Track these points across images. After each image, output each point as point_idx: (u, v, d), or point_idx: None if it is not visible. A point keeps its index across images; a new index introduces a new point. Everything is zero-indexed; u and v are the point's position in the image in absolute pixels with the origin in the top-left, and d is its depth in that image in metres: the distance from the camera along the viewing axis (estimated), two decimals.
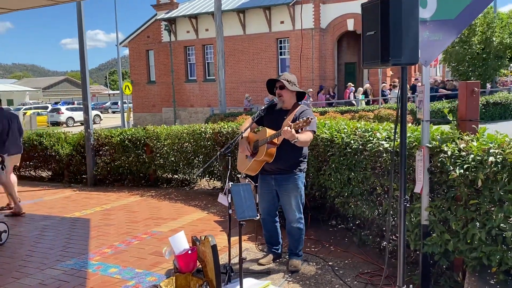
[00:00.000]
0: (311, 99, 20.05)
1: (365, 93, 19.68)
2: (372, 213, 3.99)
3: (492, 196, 2.69)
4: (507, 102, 16.81)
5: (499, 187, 2.62)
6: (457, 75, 19.98)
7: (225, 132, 6.71)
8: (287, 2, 21.91)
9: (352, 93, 19.91)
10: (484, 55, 18.48)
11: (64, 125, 33.17)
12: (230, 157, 3.66)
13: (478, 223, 2.80)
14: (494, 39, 18.07)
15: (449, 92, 18.34)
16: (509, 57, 19.56)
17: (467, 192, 2.83)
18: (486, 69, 18.79)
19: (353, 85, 20.66)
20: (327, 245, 4.53)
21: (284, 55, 23.58)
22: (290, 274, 3.84)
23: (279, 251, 4.22)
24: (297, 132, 3.48)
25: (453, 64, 19.81)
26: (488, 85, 20.23)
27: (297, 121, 3.43)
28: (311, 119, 3.36)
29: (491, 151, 2.66)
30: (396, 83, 18.97)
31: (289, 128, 3.38)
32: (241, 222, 3.22)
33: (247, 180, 4.80)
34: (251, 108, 20.73)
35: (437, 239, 3.09)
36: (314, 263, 4.06)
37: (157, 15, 26.45)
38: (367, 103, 19.10)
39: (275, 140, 3.72)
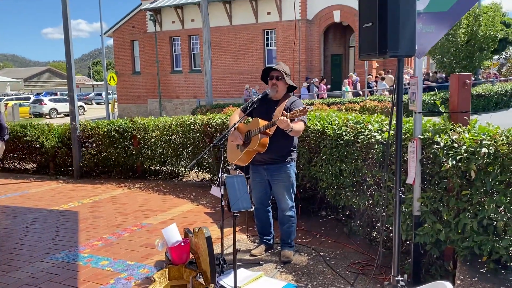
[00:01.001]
0: (316, 89, 20.01)
1: (354, 85, 19.76)
2: (363, 204, 4.03)
3: (484, 187, 2.74)
4: (490, 94, 17.08)
5: (491, 178, 2.66)
6: (442, 67, 20.20)
7: (214, 123, 6.68)
8: None
9: (358, 83, 19.72)
10: (469, 48, 18.71)
11: (47, 116, 32.62)
12: (223, 149, 3.65)
13: (469, 213, 2.85)
14: (479, 31, 18.30)
15: (433, 84, 18.55)
16: (492, 49, 19.83)
17: (459, 183, 2.88)
18: (470, 62, 19.03)
19: (355, 75, 20.53)
20: (318, 236, 4.56)
21: (270, 46, 23.52)
22: (282, 265, 3.86)
23: (271, 241, 4.24)
24: (291, 121, 3.49)
25: (437, 56, 20.02)
26: (472, 77, 20.49)
27: (294, 111, 3.43)
28: (308, 108, 3.37)
29: (483, 142, 2.70)
30: (383, 75, 19.08)
31: (285, 117, 3.38)
32: (235, 214, 3.22)
33: (237, 171, 4.80)
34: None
35: (428, 229, 3.14)
36: (306, 254, 4.09)
37: (142, 5, 26.08)
38: (353, 94, 19.19)
39: (268, 130, 3.73)
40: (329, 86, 21.38)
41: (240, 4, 23.32)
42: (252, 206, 3.26)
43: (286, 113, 3.45)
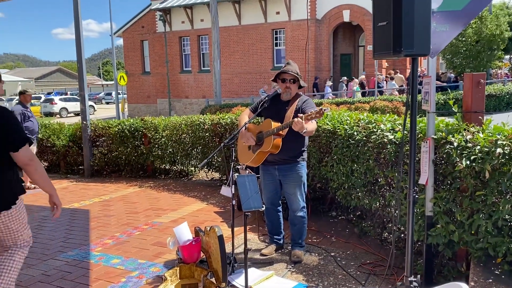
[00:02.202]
0: (345, 87, 19.74)
1: (361, 84, 19.63)
2: (374, 204, 4.00)
3: (499, 187, 2.71)
4: (501, 94, 16.90)
5: (506, 179, 2.63)
6: (452, 67, 20.03)
7: (224, 123, 6.69)
8: None
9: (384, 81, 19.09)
10: (478, 48, 18.52)
11: (58, 115, 32.93)
12: (234, 148, 3.65)
13: (483, 214, 2.82)
14: (486, 31, 18.09)
15: (444, 84, 18.41)
16: (502, 48, 19.59)
17: (473, 184, 2.85)
18: (480, 62, 18.84)
19: (380, 73, 19.98)
20: (328, 236, 4.55)
21: (279, 46, 23.48)
22: (293, 265, 3.85)
23: (281, 241, 4.23)
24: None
25: (448, 56, 19.85)
26: None
27: (310, 112, 3.40)
28: (324, 110, 3.35)
29: (498, 142, 2.66)
30: (392, 74, 18.95)
31: (300, 119, 3.36)
32: (247, 213, 3.22)
33: (247, 171, 4.80)
34: None
35: (441, 230, 3.11)
36: (316, 254, 4.08)
37: (152, 5, 26.18)
38: (363, 94, 19.06)
39: (281, 131, 3.72)
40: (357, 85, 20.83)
41: (249, 4, 23.32)
42: (263, 205, 3.25)
43: (302, 115, 3.41)
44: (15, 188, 3.12)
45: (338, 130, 4.37)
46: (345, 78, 20.44)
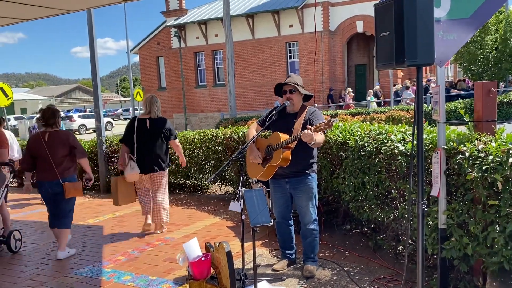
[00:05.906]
0: (375, 97, 19.33)
1: (376, 95, 19.46)
2: (387, 217, 3.92)
3: None
4: None
5: None
6: (469, 75, 19.72)
7: (236, 137, 6.69)
8: (295, 6, 21.90)
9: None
10: (498, 55, 18.19)
11: (77, 132, 33.50)
12: (242, 162, 3.62)
13: (498, 226, 2.72)
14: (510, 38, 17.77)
15: (461, 92, 18.14)
16: None
17: (486, 194, 2.76)
18: (499, 69, 18.48)
19: (396, 83, 19.25)
20: (341, 250, 4.46)
21: (293, 58, 23.55)
22: (305, 280, 3.78)
23: (293, 256, 4.17)
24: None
25: (464, 64, 19.57)
26: (502, 85, 19.94)
27: (319, 124, 3.39)
28: (333, 121, 3.33)
29: (511, 152, 2.58)
30: (408, 83, 18.74)
31: (309, 131, 3.34)
32: (255, 228, 3.18)
33: (259, 185, 4.77)
34: None
35: (455, 243, 3.01)
36: (329, 269, 4.00)
37: (167, 22, 26.61)
38: (378, 104, 18.86)
39: (290, 144, 3.69)
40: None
41: (263, 18, 23.50)
42: (271, 220, 3.20)
43: (310, 127, 3.40)
44: (167, 159, 5.55)
45: (349, 142, 4.31)
46: (408, 83, 19.46)
